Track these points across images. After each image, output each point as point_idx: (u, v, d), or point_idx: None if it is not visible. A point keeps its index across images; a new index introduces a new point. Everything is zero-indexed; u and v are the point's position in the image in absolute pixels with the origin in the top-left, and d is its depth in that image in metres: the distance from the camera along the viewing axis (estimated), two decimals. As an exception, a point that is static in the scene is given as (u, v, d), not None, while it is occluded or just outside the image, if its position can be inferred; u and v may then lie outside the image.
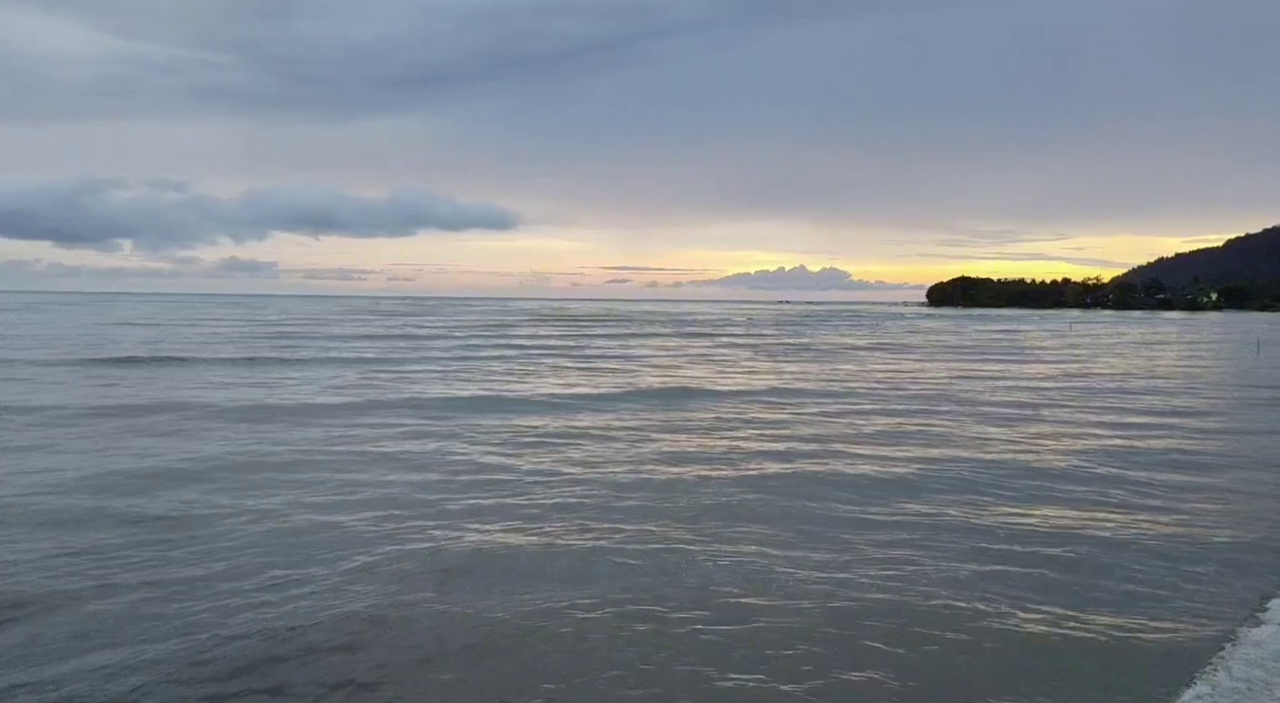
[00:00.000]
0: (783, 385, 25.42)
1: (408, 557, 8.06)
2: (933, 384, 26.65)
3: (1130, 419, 18.57)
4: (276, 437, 14.74)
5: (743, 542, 8.65)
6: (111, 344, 37.90)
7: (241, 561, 7.88)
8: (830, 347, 47.85)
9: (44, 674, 5.60)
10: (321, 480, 11.20)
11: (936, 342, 54.91)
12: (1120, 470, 12.60)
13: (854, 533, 8.99)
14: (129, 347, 36.30)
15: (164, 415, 16.96)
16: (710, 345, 47.58)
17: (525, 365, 31.97)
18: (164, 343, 39.80)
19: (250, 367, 28.94)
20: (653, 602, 6.95)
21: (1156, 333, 76.20)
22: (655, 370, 30.68)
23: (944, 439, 15.53)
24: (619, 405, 20.01)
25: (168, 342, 40.91)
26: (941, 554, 8.32)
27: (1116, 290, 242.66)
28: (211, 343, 40.98)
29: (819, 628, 6.45)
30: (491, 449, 13.91)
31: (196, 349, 36.18)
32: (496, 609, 6.79)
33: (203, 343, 40.85)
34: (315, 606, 6.79)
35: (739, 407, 20.15)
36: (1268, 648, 3.00)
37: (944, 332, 72.56)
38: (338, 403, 19.60)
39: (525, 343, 46.26)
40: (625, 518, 9.53)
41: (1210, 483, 11.83)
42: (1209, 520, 9.72)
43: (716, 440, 15.19)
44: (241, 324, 64.72)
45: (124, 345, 37.12)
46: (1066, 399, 22.58)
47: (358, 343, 43.38)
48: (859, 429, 16.71)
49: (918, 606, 6.92)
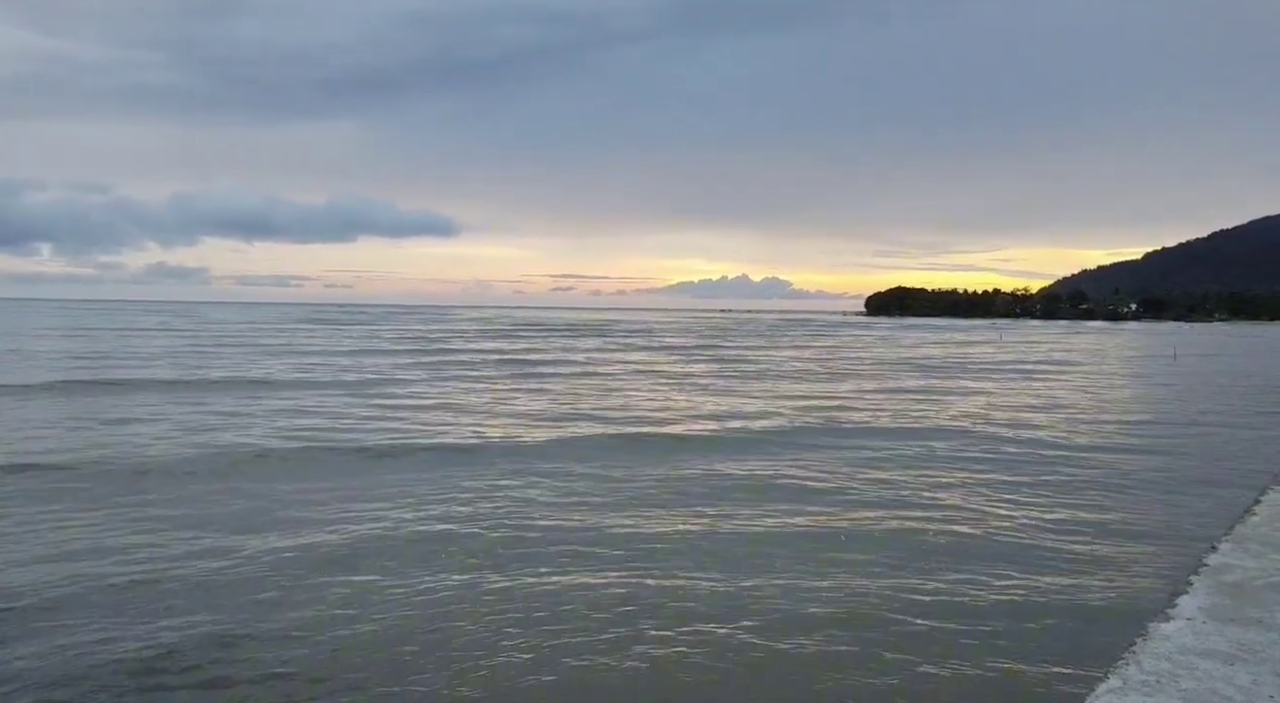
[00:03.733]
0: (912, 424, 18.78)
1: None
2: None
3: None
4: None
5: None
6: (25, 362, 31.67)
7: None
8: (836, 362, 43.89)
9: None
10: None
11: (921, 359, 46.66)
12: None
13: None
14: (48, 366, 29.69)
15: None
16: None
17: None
18: (93, 360, 33.04)
19: (212, 392, 23.43)
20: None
21: (1109, 342, 78.83)
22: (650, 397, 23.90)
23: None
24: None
25: (96, 357, 34.44)
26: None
27: (1044, 300, 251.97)
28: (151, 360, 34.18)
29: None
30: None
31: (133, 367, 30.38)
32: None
33: (137, 358, 34.61)
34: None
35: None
36: (1174, 642, 3.02)
37: (910, 345, 69.53)
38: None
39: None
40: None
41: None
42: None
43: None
44: (183, 333, 60.16)
45: (41, 363, 31.28)
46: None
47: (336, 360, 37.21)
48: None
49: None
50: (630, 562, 7.98)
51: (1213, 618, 3.21)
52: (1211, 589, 3.54)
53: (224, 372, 28.67)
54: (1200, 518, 9.73)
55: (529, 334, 70.00)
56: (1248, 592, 3.52)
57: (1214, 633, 3.06)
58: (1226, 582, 3.64)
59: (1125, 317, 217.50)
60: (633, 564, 7.90)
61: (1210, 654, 2.89)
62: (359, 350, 43.92)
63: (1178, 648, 2.90)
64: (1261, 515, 4.85)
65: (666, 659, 5.88)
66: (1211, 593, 3.49)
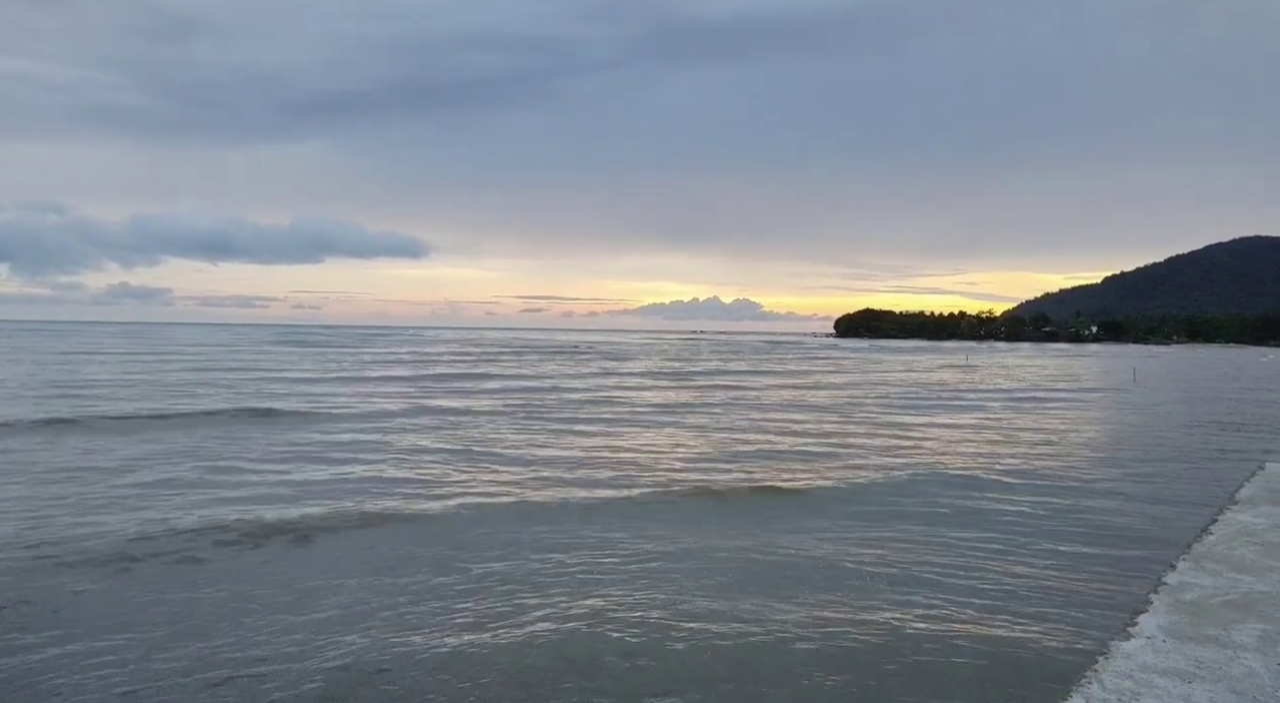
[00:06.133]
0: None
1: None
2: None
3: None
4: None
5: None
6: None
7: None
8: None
9: None
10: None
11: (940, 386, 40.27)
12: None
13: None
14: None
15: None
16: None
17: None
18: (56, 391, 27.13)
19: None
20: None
21: (1076, 362, 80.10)
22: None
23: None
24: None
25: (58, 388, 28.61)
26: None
27: (1008, 323, 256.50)
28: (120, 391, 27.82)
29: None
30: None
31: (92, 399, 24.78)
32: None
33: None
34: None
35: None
36: (1135, 660, 3.08)
37: (892, 366, 65.24)
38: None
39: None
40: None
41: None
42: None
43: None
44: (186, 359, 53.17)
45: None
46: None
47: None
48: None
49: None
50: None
51: (1172, 636, 3.28)
52: (1171, 608, 3.62)
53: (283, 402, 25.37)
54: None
55: (527, 356, 67.09)
56: (1205, 610, 3.60)
57: (1173, 651, 3.13)
58: (1185, 600, 3.72)
59: (1086, 339, 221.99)
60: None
61: (1170, 673, 2.95)
62: (390, 376, 39.58)
63: (1139, 666, 2.96)
64: (1218, 534, 4.97)
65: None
66: (1171, 611, 3.57)
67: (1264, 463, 7.97)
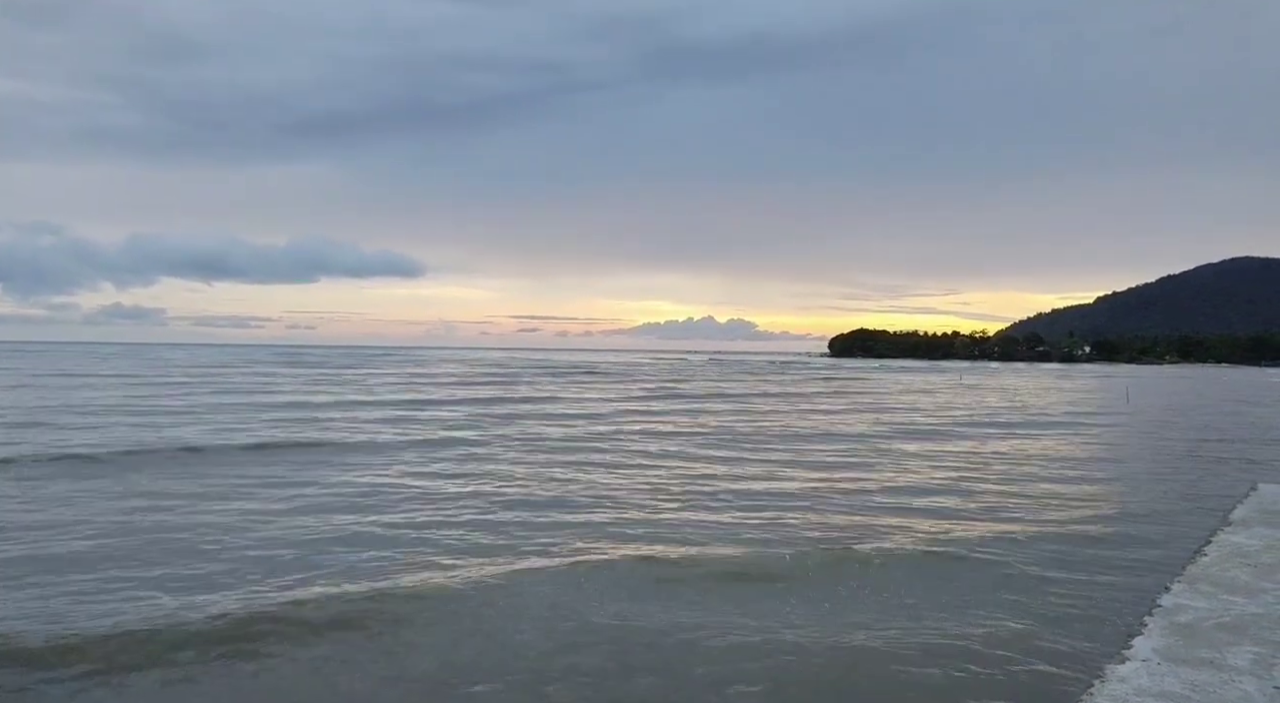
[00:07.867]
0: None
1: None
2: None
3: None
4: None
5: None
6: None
7: None
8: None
9: None
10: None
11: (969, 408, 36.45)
12: None
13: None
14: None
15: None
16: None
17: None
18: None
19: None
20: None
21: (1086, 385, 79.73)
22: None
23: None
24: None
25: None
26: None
27: (1001, 343, 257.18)
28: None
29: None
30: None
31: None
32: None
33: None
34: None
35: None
36: (1130, 683, 3.09)
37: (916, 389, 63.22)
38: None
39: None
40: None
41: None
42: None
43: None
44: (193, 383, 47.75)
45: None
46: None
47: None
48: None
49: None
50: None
51: (1166, 659, 3.28)
52: (1165, 630, 3.62)
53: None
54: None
55: (551, 379, 61.90)
56: (1199, 633, 3.61)
57: (1168, 674, 3.13)
58: (1179, 623, 3.72)
59: (1079, 359, 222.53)
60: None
61: (1164, 696, 2.95)
62: (426, 400, 36.27)
63: (1133, 690, 2.96)
64: (1212, 556, 4.98)
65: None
66: (1165, 634, 3.57)
67: (1256, 484, 7.99)
